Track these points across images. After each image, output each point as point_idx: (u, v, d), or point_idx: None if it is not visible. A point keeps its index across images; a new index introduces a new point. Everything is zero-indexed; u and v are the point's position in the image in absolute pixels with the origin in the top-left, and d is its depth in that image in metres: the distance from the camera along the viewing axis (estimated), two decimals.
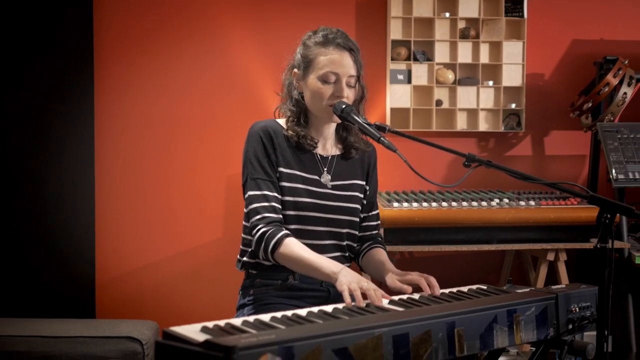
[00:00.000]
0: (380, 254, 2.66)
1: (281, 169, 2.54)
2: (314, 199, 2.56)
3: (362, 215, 2.71)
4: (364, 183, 2.71)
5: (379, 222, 2.79)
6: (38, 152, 4.22)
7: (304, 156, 2.59)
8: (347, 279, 2.22)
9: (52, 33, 4.20)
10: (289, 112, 2.60)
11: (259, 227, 2.46)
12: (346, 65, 2.52)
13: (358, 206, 2.67)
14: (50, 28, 4.20)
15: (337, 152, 2.67)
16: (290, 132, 2.57)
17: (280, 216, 2.51)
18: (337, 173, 2.63)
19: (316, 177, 2.59)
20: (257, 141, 2.55)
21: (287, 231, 2.46)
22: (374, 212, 2.76)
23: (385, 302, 2.12)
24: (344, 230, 2.63)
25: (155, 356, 1.65)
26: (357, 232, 2.70)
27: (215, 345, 1.53)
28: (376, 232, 2.77)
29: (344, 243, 2.64)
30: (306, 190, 2.56)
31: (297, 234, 2.49)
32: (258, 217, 2.48)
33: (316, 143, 2.60)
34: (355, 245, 2.71)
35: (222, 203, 4.38)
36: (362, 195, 2.69)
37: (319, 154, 2.62)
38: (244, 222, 2.60)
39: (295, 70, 2.60)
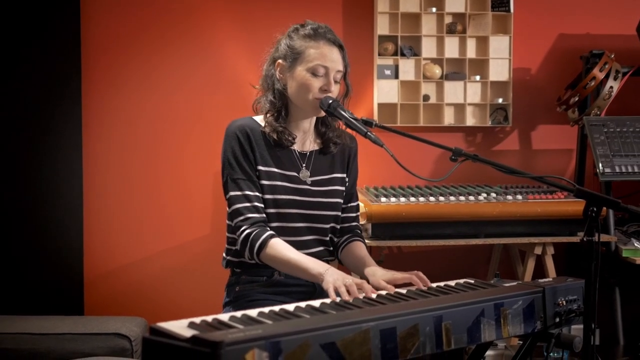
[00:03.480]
0: (360, 248, 2.65)
1: (260, 167, 2.53)
2: (293, 196, 2.55)
3: (341, 207, 2.70)
4: (344, 175, 2.70)
5: (358, 213, 2.78)
6: (26, 150, 4.21)
7: (282, 153, 2.58)
8: (333, 277, 2.23)
9: (40, 32, 4.18)
10: (268, 104, 2.57)
11: (242, 228, 2.46)
12: (335, 59, 2.52)
13: (340, 200, 2.66)
14: (37, 27, 4.18)
15: (316, 148, 2.66)
16: (268, 127, 2.55)
17: (264, 215, 2.51)
18: (316, 168, 2.62)
19: (295, 174, 2.58)
20: (235, 140, 2.53)
21: (271, 232, 2.46)
22: (353, 204, 2.74)
23: (372, 296, 2.13)
24: (328, 225, 2.62)
25: (142, 352, 1.65)
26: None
27: (202, 340, 1.53)
28: (355, 223, 2.75)
29: (327, 238, 2.64)
30: (285, 187, 2.55)
31: (279, 232, 2.49)
32: (241, 218, 2.48)
33: (294, 139, 2.59)
34: (335, 238, 2.71)
35: (210, 199, 4.38)
36: (343, 188, 2.68)
37: (297, 150, 2.61)
38: (227, 221, 2.59)
39: (280, 61, 2.57)
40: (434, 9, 4.41)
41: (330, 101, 2.47)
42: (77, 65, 4.23)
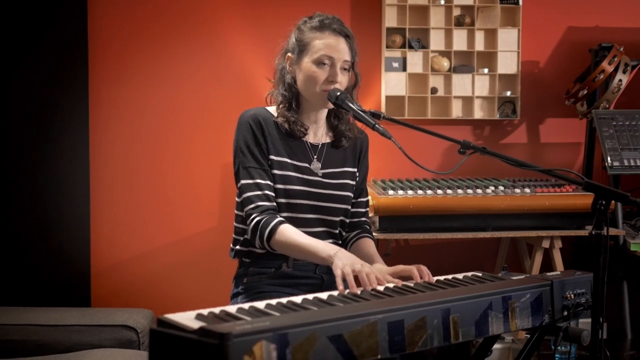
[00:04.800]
0: (369, 245, 2.65)
1: (272, 157, 2.53)
2: (304, 187, 2.55)
3: (351, 201, 2.70)
4: (355, 170, 2.70)
5: (367, 208, 2.78)
6: (34, 143, 4.21)
7: (294, 144, 2.58)
8: (342, 261, 2.22)
9: (47, 26, 4.18)
10: (280, 97, 2.59)
11: (253, 216, 2.47)
12: (341, 50, 2.52)
13: (350, 194, 2.66)
14: (44, 21, 4.18)
15: (328, 140, 2.66)
16: (280, 118, 2.56)
17: (274, 204, 2.51)
18: (327, 161, 2.63)
19: (306, 165, 2.59)
20: (247, 129, 2.54)
21: (281, 218, 2.46)
22: (363, 199, 2.75)
23: (380, 288, 2.12)
24: (337, 218, 2.62)
25: (149, 343, 1.65)
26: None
27: (209, 332, 1.53)
28: (364, 218, 2.75)
29: (337, 231, 2.64)
30: (297, 177, 2.55)
31: (289, 222, 2.49)
32: (252, 206, 2.48)
33: (307, 129, 2.59)
34: (344, 232, 2.71)
35: (217, 192, 4.38)
36: (353, 182, 2.68)
37: (309, 142, 2.62)
38: (236, 211, 2.60)
39: (289, 54, 2.59)
40: (442, 1, 4.39)
41: (338, 93, 2.47)
42: (84, 60, 4.23)
